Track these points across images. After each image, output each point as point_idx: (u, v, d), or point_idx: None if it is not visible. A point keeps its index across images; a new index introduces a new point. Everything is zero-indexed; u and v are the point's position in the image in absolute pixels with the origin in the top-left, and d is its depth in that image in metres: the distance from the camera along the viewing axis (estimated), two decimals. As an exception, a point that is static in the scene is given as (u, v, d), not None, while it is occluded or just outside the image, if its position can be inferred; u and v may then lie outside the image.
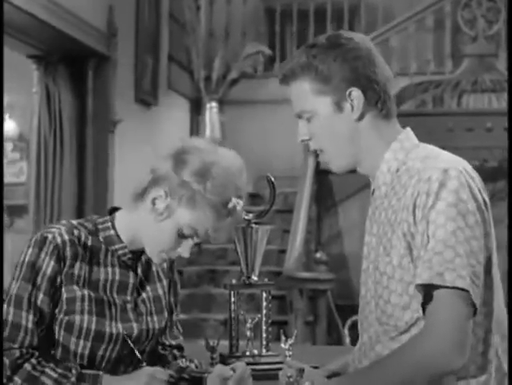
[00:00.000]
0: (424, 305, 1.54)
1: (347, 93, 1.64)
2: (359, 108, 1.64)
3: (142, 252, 1.83)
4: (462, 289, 1.48)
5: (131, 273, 1.81)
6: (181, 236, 1.73)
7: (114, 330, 1.75)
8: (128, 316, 1.79)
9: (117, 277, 1.79)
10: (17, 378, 1.66)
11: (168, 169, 1.72)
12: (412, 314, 1.57)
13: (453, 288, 1.48)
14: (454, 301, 1.48)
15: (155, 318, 1.84)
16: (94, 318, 1.73)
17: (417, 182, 1.57)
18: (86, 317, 1.72)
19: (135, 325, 1.79)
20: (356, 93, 1.64)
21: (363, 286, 1.70)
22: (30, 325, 1.69)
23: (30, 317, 1.69)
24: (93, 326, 1.72)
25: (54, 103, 5.78)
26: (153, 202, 1.73)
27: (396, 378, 1.51)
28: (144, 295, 1.84)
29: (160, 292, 1.88)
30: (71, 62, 5.88)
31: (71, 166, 5.88)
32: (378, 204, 1.69)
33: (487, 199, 1.60)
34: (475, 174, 1.60)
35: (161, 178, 1.72)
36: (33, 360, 1.68)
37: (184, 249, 1.75)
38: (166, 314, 1.89)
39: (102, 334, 1.73)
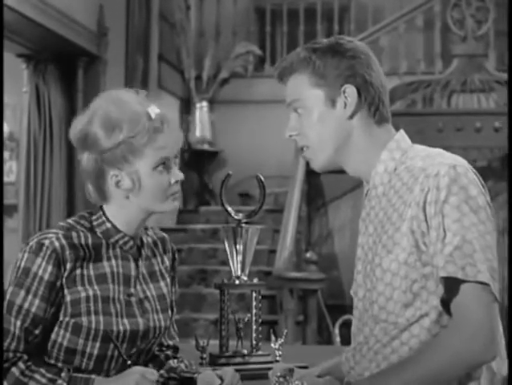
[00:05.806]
0: (446, 298, 1.54)
1: (342, 89, 1.65)
2: (352, 105, 1.65)
3: (142, 241, 1.83)
4: (483, 283, 1.50)
5: (132, 265, 1.80)
6: (165, 167, 1.76)
7: (121, 328, 1.73)
8: (134, 310, 1.77)
9: (120, 270, 1.78)
10: (5, 384, 1.65)
11: (100, 152, 1.74)
12: (415, 311, 1.57)
13: (476, 282, 1.50)
14: (480, 294, 1.50)
15: (160, 316, 1.83)
16: (101, 318, 1.71)
17: (425, 178, 1.57)
18: (93, 318, 1.71)
19: (140, 320, 1.77)
20: (350, 90, 1.65)
21: (361, 288, 1.69)
22: (17, 331, 1.67)
23: (18, 323, 1.67)
24: (101, 326, 1.71)
25: (44, 102, 5.77)
26: (118, 186, 1.75)
27: (430, 374, 1.51)
28: (148, 293, 1.82)
29: (165, 290, 1.87)
30: (61, 62, 5.87)
31: (61, 165, 5.86)
32: (374, 204, 1.69)
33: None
34: (476, 172, 1.61)
35: (103, 163, 1.74)
36: (21, 364, 1.67)
37: (174, 174, 1.77)
38: (170, 312, 1.88)
39: (110, 334, 1.72)
